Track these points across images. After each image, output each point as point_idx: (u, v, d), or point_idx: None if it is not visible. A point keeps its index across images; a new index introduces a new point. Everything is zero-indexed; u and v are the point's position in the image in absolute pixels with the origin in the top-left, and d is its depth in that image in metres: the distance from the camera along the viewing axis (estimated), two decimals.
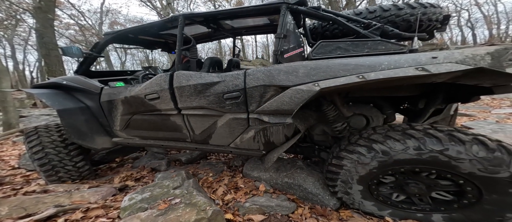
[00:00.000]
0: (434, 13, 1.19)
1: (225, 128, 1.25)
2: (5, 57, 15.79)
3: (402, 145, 0.89)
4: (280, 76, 1.02)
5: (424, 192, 0.98)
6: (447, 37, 19.85)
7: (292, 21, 1.11)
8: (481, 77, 0.81)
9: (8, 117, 4.32)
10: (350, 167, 1.02)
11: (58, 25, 11.10)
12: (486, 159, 0.80)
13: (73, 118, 1.52)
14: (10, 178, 1.71)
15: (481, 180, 0.84)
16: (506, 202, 0.84)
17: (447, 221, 0.96)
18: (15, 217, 1.04)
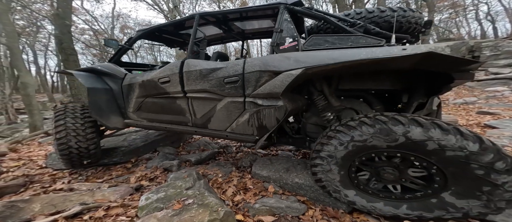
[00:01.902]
0: (413, 17, 1.33)
1: (223, 111, 1.39)
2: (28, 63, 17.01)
3: (372, 129, 0.97)
4: (274, 63, 1.17)
5: (398, 179, 1.04)
6: (465, 32, 18.55)
7: (288, 18, 1.27)
8: (434, 62, 0.93)
9: (33, 119, 4.69)
10: (330, 153, 1.09)
11: (74, 30, 11.74)
12: (441, 139, 0.87)
13: (97, 96, 1.78)
14: (39, 177, 1.87)
15: (441, 161, 0.89)
16: (469, 186, 0.89)
17: (417, 209, 1.01)
18: (47, 214, 1.15)
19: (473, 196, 0.89)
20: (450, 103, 5.15)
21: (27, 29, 11.13)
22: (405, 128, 0.91)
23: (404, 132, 0.91)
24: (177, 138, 2.77)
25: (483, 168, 0.84)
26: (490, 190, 0.86)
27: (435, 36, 16.12)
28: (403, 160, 1.00)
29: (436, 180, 0.94)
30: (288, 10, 1.29)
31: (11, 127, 7.80)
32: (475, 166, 0.84)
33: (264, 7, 1.44)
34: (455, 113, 4.13)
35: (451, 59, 0.89)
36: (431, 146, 0.88)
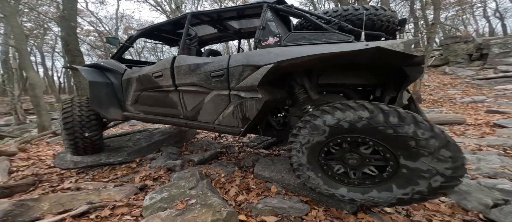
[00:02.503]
0: (385, 15, 1.40)
1: (210, 104, 1.48)
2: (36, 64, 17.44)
3: (333, 114, 1.05)
4: (255, 57, 1.25)
5: (360, 165, 1.09)
6: (472, 29, 17.99)
7: (271, 16, 1.36)
8: (386, 56, 1.02)
9: (41, 120, 4.81)
10: (302, 138, 1.14)
11: (80, 32, 11.96)
12: (397, 125, 0.93)
13: (98, 89, 1.93)
14: (47, 176, 1.92)
15: (384, 139, 0.96)
16: (414, 169, 0.93)
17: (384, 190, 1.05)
18: (55, 212, 1.18)
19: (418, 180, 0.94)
20: (458, 102, 5.02)
21: (34, 31, 11.40)
22: (357, 113, 1.00)
23: (369, 116, 0.97)
24: (180, 138, 2.80)
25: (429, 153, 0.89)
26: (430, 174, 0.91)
27: (441, 34, 15.69)
28: (364, 145, 1.06)
29: (391, 165, 1.00)
30: (270, 8, 1.39)
31: (20, 127, 8.04)
32: (423, 151, 0.90)
33: (249, 6, 1.54)
34: (462, 112, 4.03)
35: (397, 54, 0.97)
36: (387, 130, 0.94)
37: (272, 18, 1.36)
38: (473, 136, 2.71)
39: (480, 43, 8.58)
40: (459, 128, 3.11)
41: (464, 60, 8.88)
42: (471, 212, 1.18)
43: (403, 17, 1.48)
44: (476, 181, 1.38)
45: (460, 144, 2.35)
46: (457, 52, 9.17)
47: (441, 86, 7.20)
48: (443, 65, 9.53)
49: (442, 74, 8.67)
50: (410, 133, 0.89)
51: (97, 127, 2.02)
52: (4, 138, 5.59)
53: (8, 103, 10.32)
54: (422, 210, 1.22)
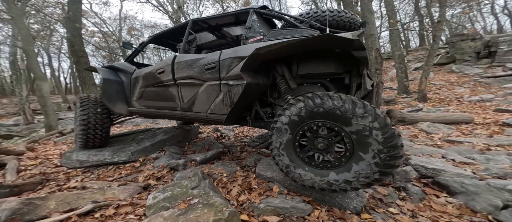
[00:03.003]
0: (346, 17, 1.66)
1: (204, 94, 1.66)
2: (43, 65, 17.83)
3: (302, 103, 1.19)
4: (242, 51, 1.45)
5: (326, 148, 1.19)
6: (480, 26, 17.48)
7: (256, 19, 1.63)
8: (334, 43, 1.21)
9: (49, 120, 4.92)
10: (275, 143, 1.28)
11: (85, 33, 12.16)
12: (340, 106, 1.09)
13: (109, 85, 2.21)
14: (54, 175, 1.96)
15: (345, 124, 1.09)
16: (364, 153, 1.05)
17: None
18: (61, 211, 1.21)
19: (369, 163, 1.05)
20: (465, 101, 4.91)
21: (41, 33, 11.65)
22: (322, 101, 1.14)
23: (321, 103, 1.13)
24: (183, 137, 2.82)
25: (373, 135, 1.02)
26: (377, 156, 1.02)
27: (447, 32, 15.32)
28: (323, 128, 1.17)
29: (348, 148, 1.11)
30: (255, 13, 1.66)
31: (28, 127, 8.25)
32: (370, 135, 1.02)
33: (240, 11, 1.80)
34: (470, 111, 3.93)
35: (341, 39, 1.14)
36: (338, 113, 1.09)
37: (257, 20, 1.63)
38: (482, 135, 2.64)
39: (488, 40, 8.34)
40: (467, 127, 3.04)
41: (472, 58, 8.65)
42: (480, 214, 1.14)
43: (363, 20, 1.82)
44: (485, 182, 1.34)
45: (468, 143, 2.30)
46: (464, 50, 8.95)
47: (448, 84, 7.04)
48: (449, 63, 9.32)
49: (448, 72, 8.47)
50: (350, 111, 1.06)
51: (107, 122, 2.27)
52: (13, 137, 5.74)
53: (16, 104, 10.60)
54: (428, 211, 1.19)
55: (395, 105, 5.36)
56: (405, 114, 3.48)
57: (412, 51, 13.83)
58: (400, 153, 1.00)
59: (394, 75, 8.53)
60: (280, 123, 1.24)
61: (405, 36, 17.17)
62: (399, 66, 6.66)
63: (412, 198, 1.34)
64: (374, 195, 1.37)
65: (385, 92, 7.30)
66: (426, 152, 2.05)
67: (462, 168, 1.62)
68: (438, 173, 1.52)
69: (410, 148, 2.21)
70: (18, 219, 1.11)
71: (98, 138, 2.21)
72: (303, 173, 1.21)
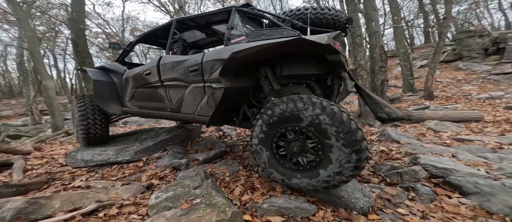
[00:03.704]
0: (330, 14, 1.59)
1: (190, 96, 1.67)
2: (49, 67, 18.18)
3: (280, 106, 1.21)
4: (224, 53, 1.43)
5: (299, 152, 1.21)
6: (487, 23, 16.99)
7: (238, 18, 1.58)
8: (306, 47, 1.22)
9: (55, 120, 5.01)
10: (259, 158, 1.30)
11: (89, 34, 12.32)
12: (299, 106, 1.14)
13: (101, 86, 2.21)
14: (59, 174, 1.98)
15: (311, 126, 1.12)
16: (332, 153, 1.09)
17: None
18: (66, 210, 1.21)
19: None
20: (474, 99, 4.77)
21: (47, 35, 11.88)
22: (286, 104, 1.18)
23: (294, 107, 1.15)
24: (185, 137, 2.82)
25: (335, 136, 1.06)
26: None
27: (453, 29, 14.95)
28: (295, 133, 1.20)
29: (316, 142, 1.13)
30: (238, 12, 1.60)
31: (36, 127, 8.43)
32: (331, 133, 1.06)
33: (221, 10, 1.76)
34: (479, 109, 3.81)
35: (313, 43, 1.14)
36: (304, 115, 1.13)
37: (240, 19, 1.57)
38: (493, 133, 2.55)
39: (496, 37, 8.10)
40: (477, 125, 2.94)
41: (479, 55, 8.43)
42: (496, 216, 1.09)
43: (349, 17, 1.74)
44: (500, 182, 1.28)
45: (479, 142, 2.22)
46: (472, 47, 8.71)
47: (455, 82, 6.87)
48: (456, 60, 9.09)
49: (455, 70, 8.27)
50: (295, 108, 1.11)
51: (104, 121, 2.32)
52: (21, 137, 5.87)
53: (24, 105, 10.84)
54: (440, 212, 1.14)
55: (401, 103, 5.26)
56: (412, 112, 3.40)
57: (417, 48, 13.55)
58: (356, 136, 1.04)
59: (399, 73, 8.38)
60: (255, 145, 1.30)
61: (410, 33, 16.85)
62: (404, 64, 6.53)
63: (422, 198, 1.30)
64: (381, 195, 1.33)
65: (390, 90, 7.17)
66: (435, 151, 1.98)
67: (474, 167, 1.56)
68: (450, 173, 1.46)
69: (419, 146, 2.15)
70: (23, 219, 1.11)
71: (99, 134, 2.28)
72: (299, 181, 1.21)
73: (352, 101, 6.30)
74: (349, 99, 6.68)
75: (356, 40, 3.41)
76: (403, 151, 2.05)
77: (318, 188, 1.17)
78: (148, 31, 2.27)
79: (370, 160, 1.90)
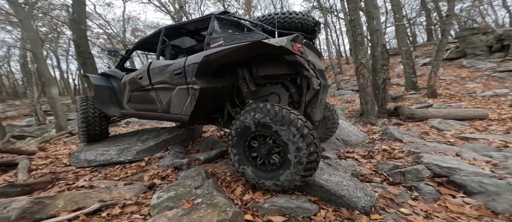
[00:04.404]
0: (297, 18, 1.72)
1: (176, 98, 1.81)
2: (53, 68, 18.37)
3: (254, 112, 1.31)
4: (202, 57, 1.49)
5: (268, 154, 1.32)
6: (491, 19, 16.67)
7: (217, 24, 1.71)
8: (267, 48, 1.32)
9: (58, 120, 5.06)
10: (243, 169, 1.38)
11: (90, 35, 12.41)
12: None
13: (101, 91, 2.41)
14: (63, 174, 2.01)
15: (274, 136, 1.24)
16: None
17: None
18: (69, 210, 1.22)
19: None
20: (478, 96, 4.70)
21: (49, 36, 11.99)
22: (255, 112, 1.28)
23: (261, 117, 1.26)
24: (187, 137, 2.82)
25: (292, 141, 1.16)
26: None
27: (456, 26, 14.72)
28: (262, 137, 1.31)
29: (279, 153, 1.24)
30: (216, 18, 1.74)
31: (40, 128, 8.54)
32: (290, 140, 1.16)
33: (203, 18, 1.87)
34: (484, 106, 3.76)
35: (270, 46, 1.24)
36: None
37: (218, 25, 1.70)
38: (498, 131, 2.51)
39: (500, 34, 7.96)
40: (481, 123, 2.90)
41: (484, 52, 8.30)
42: (502, 215, 1.07)
43: (317, 20, 1.85)
44: (506, 181, 1.26)
45: (484, 140, 2.19)
46: (476, 44, 8.58)
47: (458, 80, 6.77)
48: (459, 58, 8.96)
49: (458, 67, 8.15)
50: (273, 121, 1.20)
51: (104, 120, 2.53)
52: (26, 138, 5.95)
53: (28, 105, 10.99)
54: (444, 212, 1.13)
55: (403, 101, 5.20)
56: (414, 110, 3.36)
57: (420, 46, 13.37)
58: (307, 140, 1.14)
59: (401, 71, 8.29)
60: (233, 155, 1.42)
61: (412, 31, 16.63)
62: (407, 62, 6.45)
63: (425, 198, 1.28)
64: (384, 195, 1.32)
65: (392, 88, 7.10)
66: (439, 150, 1.96)
67: (479, 166, 1.53)
68: (454, 172, 1.44)
69: (422, 145, 2.13)
70: (28, 218, 1.13)
71: (98, 132, 2.49)
72: (283, 180, 1.24)
73: (353, 100, 6.26)
74: (351, 98, 6.63)
75: (357, 39, 3.38)
76: (406, 149, 2.03)
77: (283, 188, 1.25)
78: (142, 39, 2.43)
79: (372, 159, 1.89)
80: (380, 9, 7.54)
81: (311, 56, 1.51)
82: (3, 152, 2.66)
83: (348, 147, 2.33)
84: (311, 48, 1.63)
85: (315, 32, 1.85)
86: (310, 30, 1.80)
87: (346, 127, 2.68)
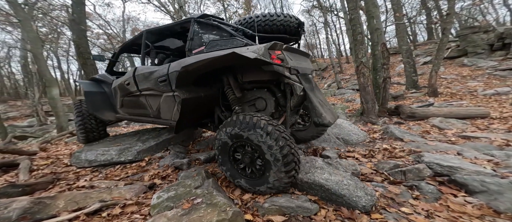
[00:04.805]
0: (278, 20, 1.66)
1: (164, 104, 1.79)
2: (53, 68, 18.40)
3: (223, 130, 1.37)
4: (184, 64, 1.50)
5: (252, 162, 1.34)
6: (492, 18, 16.57)
7: (197, 29, 1.67)
8: (241, 59, 1.29)
9: (59, 121, 5.07)
10: (220, 138, 1.39)
11: (90, 35, 12.41)
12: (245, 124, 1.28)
13: (93, 97, 2.39)
14: (64, 174, 2.01)
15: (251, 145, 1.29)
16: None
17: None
18: (70, 210, 1.22)
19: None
20: (480, 95, 4.68)
21: (49, 36, 12.01)
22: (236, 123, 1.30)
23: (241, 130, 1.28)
24: (187, 137, 2.82)
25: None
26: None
27: (457, 25, 14.64)
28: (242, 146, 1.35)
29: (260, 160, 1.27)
30: (196, 22, 1.68)
31: (42, 128, 8.57)
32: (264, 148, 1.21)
33: (183, 21, 1.82)
34: (485, 105, 3.74)
35: (242, 57, 1.23)
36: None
37: (199, 30, 1.65)
38: (499, 130, 2.50)
39: (501, 32, 7.92)
40: (483, 121, 2.88)
41: (485, 51, 8.26)
42: (504, 215, 1.06)
43: (300, 21, 1.78)
44: (508, 180, 1.26)
45: (485, 139, 2.18)
46: (477, 43, 8.54)
47: (460, 78, 6.74)
48: (460, 56, 8.92)
49: (459, 66, 8.11)
50: (238, 129, 1.26)
51: (101, 122, 2.56)
52: (28, 138, 5.97)
53: (29, 106, 11.02)
54: (446, 211, 1.12)
55: (404, 100, 5.18)
56: (415, 109, 3.35)
57: (420, 45, 13.31)
58: (284, 151, 1.18)
59: (402, 70, 8.25)
60: (229, 178, 1.43)
61: (412, 30, 16.55)
62: (407, 60, 6.43)
63: (426, 197, 1.28)
64: (384, 194, 1.32)
65: (393, 87, 7.08)
66: (440, 149, 1.95)
67: (481, 165, 1.52)
68: (455, 171, 1.43)
69: (423, 144, 2.12)
70: (29, 218, 1.13)
71: (97, 135, 2.56)
72: (273, 181, 1.26)
73: (354, 99, 6.24)
74: (351, 97, 6.61)
75: (358, 38, 3.36)
76: (406, 149, 2.02)
77: (277, 189, 1.28)
78: (126, 43, 2.41)
79: (373, 159, 1.88)
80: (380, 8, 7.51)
81: (294, 61, 1.49)
82: (5, 152, 2.67)
83: (348, 146, 2.32)
84: (294, 51, 1.59)
85: (299, 33, 1.80)
86: (293, 32, 1.74)
87: (346, 126, 2.67)
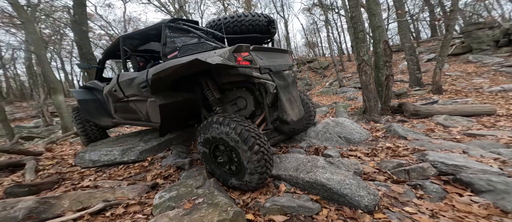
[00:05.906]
0: (247, 20, 1.68)
1: (151, 109, 1.78)
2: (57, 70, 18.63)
3: (198, 140, 1.45)
4: (158, 70, 1.49)
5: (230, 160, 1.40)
6: (497, 14, 16.17)
7: (169, 33, 1.65)
8: (204, 65, 1.32)
9: (64, 122, 5.15)
10: (203, 136, 1.43)
11: (92, 36, 12.53)
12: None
13: (86, 104, 2.48)
14: (69, 174, 2.04)
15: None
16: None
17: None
18: (74, 210, 1.24)
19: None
20: (485, 92, 4.58)
21: (52, 37, 12.16)
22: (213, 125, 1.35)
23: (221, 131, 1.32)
24: (189, 136, 2.83)
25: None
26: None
27: (461, 21, 14.36)
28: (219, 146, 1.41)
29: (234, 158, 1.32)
30: (167, 27, 1.67)
31: (48, 129, 8.71)
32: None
33: (154, 26, 1.80)
34: (491, 102, 3.66)
35: (204, 63, 1.25)
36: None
37: (171, 34, 1.64)
38: (506, 127, 2.44)
39: (507, 28, 7.73)
40: (489, 119, 2.83)
41: (490, 47, 8.08)
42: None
43: (271, 19, 1.79)
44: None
45: (492, 137, 2.13)
46: (482, 39, 8.35)
47: (465, 75, 6.61)
48: (465, 53, 8.74)
49: (464, 63, 7.96)
50: (224, 133, 1.28)
51: (101, 127, 2.65)
52: (34, 138, 6.08)
53: (35, 107, 11.20)
54: (451, 211, 1.10)
55: (407, 98, 5.11)
56: (419, 107, 3.30)
57: (424, 42, 13.09)
58: (254, 150, 1.22)
59: (405, 68, 8.13)
60: (223, 182, 1.46)
61: (415, 27, 16.28)
62: (410, 58, 6.33)
63: (431, 196, 1.26)
64: (388, 193, 1.30)
65: (396, 85, 6.99)
66: (445, 147, 1.92)
67: (487, 163, 1.49)
68: (460, 170, 1.41)
69: (427, 143, 2.08)
70: (34, 218, 1.15)
71: (97, 134, 2.69)
72: (253, 172, 1.28)
73: (356, 97, 6.18)
74: (353, 95, 6.55)
75: (359, 36, 3.31)
76: (410, 147, 1.99)
77: (260, 180, 1.30)
78: (107, 49, 2.45)
79: (375, 157, 1.86)
80: (381, 5, 7.40)
81: (266, 59, 1.49)
82: (12, 153, 2.72)
83: (350, 145, 2.30)
84: (266, 50, 1.60)
85: (270, 31, 1.80)
86: (264, 30, 1.74)
87: (348, 124, 2.64)
